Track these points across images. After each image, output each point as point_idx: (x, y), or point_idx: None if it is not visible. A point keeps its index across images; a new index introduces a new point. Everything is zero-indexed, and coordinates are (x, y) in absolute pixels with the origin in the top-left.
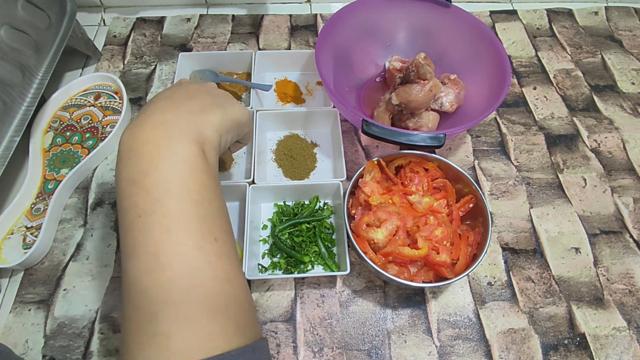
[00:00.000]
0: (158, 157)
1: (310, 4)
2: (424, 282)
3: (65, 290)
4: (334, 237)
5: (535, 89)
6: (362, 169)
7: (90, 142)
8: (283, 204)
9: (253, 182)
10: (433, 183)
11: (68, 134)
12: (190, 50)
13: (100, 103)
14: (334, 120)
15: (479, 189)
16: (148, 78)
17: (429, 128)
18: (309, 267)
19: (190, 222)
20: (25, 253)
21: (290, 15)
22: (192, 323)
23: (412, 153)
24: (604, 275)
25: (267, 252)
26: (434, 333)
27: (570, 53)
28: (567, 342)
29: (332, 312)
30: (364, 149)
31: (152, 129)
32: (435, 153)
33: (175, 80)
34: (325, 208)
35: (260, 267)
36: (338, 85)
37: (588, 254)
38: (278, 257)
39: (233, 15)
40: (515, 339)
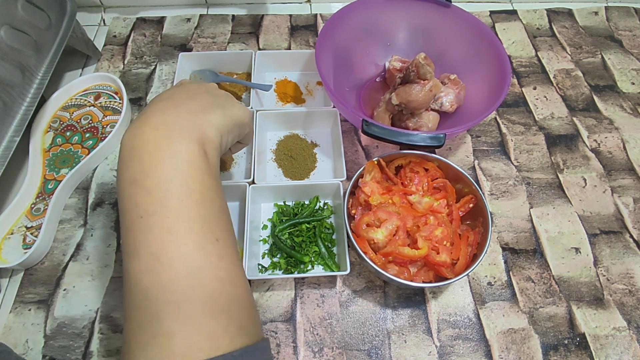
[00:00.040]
0: (159, 157)
1: (310, 4)
2: (424, 282)
3: (65, 290)
4: (334, 237)
5: (535, 89)
6: (362, 169)
7: (90, 142)
8: (283, 204)
9: (253, 182)
10: (433, 183)
11: (68, 134)
12: (190, 50)
13: (100, 103)
14: (334, 120)
15: (479, 189)
16: (148, 78)
17: (429, 128)
18: (309, 267)
19: (192, 222)
20: (25, 253)
21: (290, 15)
22: (193, 323)
23: (412, 153)
24: (604, 275)
25: (267, 252)
26: (434, 333)
27: (570, 53)
28: (567, 342)
29: (332, 312)
30: (364, 149)
31: (153, 130)
32: (435, 153)
33: (176, 80)
34: (325, 208)
35: (260, 267)
36: (338, 85)
37: (588, 254)
38: (278, 257)
39: (233, 15)
40: (515, 339)
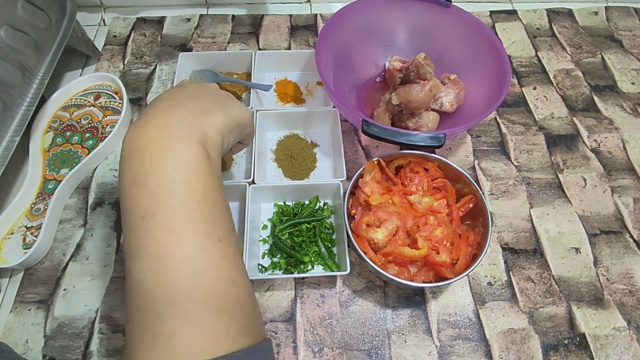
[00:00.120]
0: (161, 157)
1: (310, 4)
2: (424, 282)
3: (65, 290)
4: (334, 237)
5: (535, 89)
6: (362, 169)
7: (90, 142)
8: (283, 204)
9: (253, 182)
10: (433, 183)
11: (68, 134)
12: (190, 50)
13: (100, 103)
14: (334, 120)
15: (479, 189)
16: (148, 78)
17: (429, 128)
18: (309, 267)
19: (194, 222)
20: (25, 253)
21: (290, 15)
22: (196, 323)
23: (412, 153)
24: (604, 275)
25: (267, 252)
26: (434, 333)
27: (570, 53)
28: (567, 342)
29: (332, 312)
30: (364, 149)
31: (154, 130)
32: (435, 153)
33: (176, 81)
34: (325, 208)
35: (260, 267)
36: (338, 85)
37: (588, 254)
38: (278, 257)
39: (233, 15)
40: (515, 339)
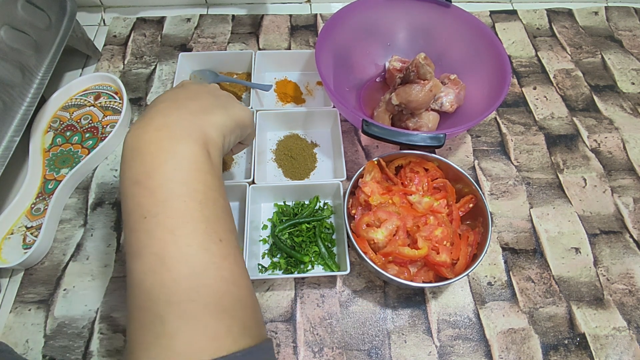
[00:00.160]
0: (162, 157)
1: (310, 4)
2: (424, 282)
3: (65, 290)
4: (334, 237)
5: (535, 89)
6: (362, 169)
7: (90, 142)
8: (283, 204)
9: (253, 182)
10: (433, 183)
11: (68, 134)
12: (190, 50)
13: (100, 103)
14: (334, 120)
15: (479, 189)
16: (148, 78)
17: (429, 128)
18: (309, 267)
19: (195, 222)
20: (25, 253)
21: (290, 15)
22: (197, 323)
23: (412, 153)
24: (604, 275)
25: (267, 252)
26: (434, 333)
27: (570, 53)
28: (567, 342)
29: (332, 312)
30: (364, 149)
31: (155, 130)
32: (435, 153)
33: (176, 81)
34: (325, 208)
35: (260, 267)
36: (338, 85)
37: (588, 254)
38: (278, 257)
39: (233, 15)
40: (515, 339)
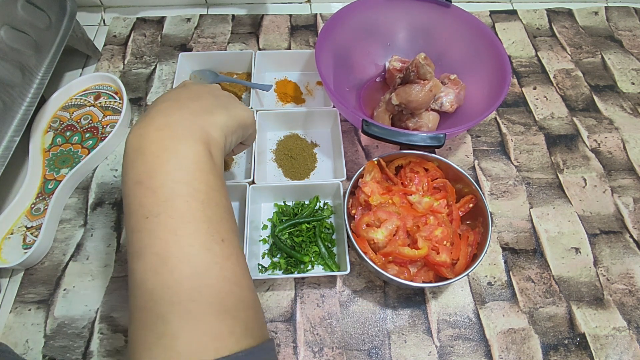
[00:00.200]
0: (164, 157)
1: (310, 4)
2: (424, 282)
3: (65, 290)
4: (334, 237)
5: (535, 89)
6: (362, 169)
7: (90, 142)
8: (283, 204)
9: (253, 182)
10: (433, 183)
11: (68, 134)
12: (190, 50)
13: (100, 103)
14: (334, 120)
15: (479, 189)
16: (148, 78)
17: (429, 128)
18: (309, 267)
19: (198, 222)
20: (25, 253)
21: (290, 15)
22: (199, 324)
23: (412, 153)
24: (604, 275)
25: (267, 252)
26: (434, 333)
27: (570, 53)
28: (567, 342)
29: (332, 312)
30: (364, 149)
31: (157, 130)
32: (435, 153)
33: (176, 80)
34: (325, 208)
35: (260, 267)
36: (338, 85)
37: (588, 254)
38: (278, 257)
39: (233, 15)
40: (515, 339)
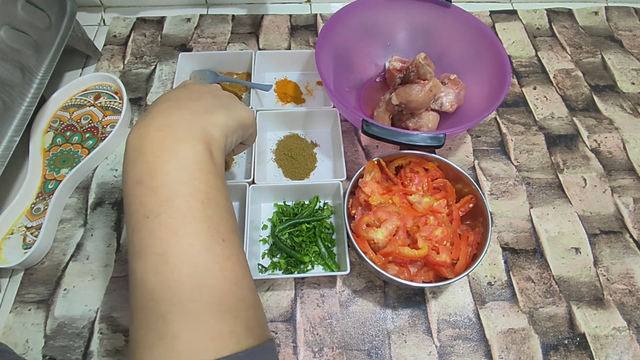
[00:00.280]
0: (164, 157)
1: (310, 4)
2: (424, 282)
3: (65, 290)
4: (334, 237)
5: (535, 89)
6: (362, 169)
7: (90, 142)
8: (283, 204)
9: (253, 182)
10: (433, 183)
11: (68, 134)
12: (190, 50)
13: (100, 103)
14: (334, 120)
15: (479, 189)
16: (148, 78)
17: (429, 128)
18: (309, 267)
19: (198, 222)
20: (25, 253)
21: (290, 15)
22: (200, 323)
23: (412, 153)
24: (604, 275)
25: (267, 252)
26: (434, 333)
27: (570, 53)
28: (567, 342)
29: (332, 312)
30: (364, 149)
31: (157, 130)
32: (435, 153)
33: (176, 80)
34: (325, 208)
35: (260, 267)
36: (338, 85)
37: (588, 254)
38: (278, 257)
39: (233, 15)
40: (515, 339)
